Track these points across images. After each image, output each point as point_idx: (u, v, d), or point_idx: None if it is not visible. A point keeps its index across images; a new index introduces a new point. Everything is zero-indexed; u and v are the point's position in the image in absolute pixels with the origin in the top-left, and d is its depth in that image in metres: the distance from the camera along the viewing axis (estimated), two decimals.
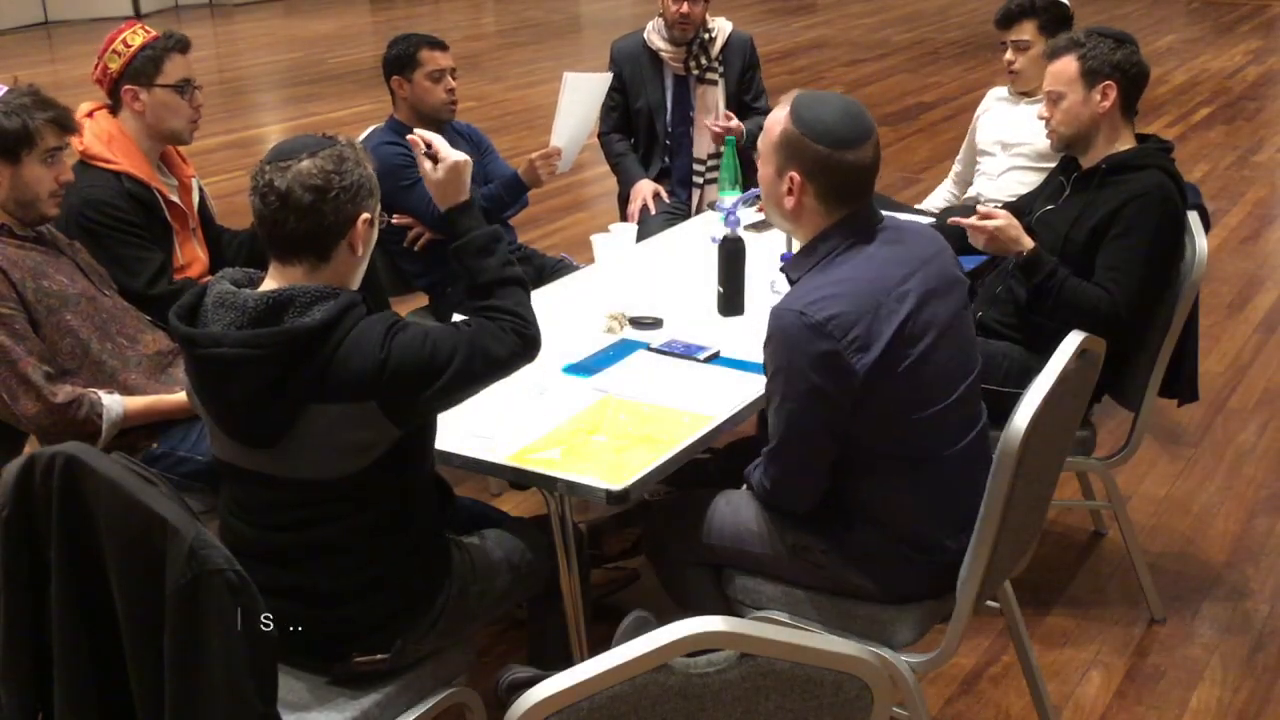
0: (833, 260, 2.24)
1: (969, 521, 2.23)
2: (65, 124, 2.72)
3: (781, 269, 2.37)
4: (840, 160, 2.19)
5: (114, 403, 2.66)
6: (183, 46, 3.11)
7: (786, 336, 2.19)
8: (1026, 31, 3.82)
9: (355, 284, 2.16)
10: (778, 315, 2.21)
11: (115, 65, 3.06)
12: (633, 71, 4.31)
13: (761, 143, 2.29)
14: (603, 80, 3.94)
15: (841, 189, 2.23)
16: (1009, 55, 3.88)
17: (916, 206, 4.23)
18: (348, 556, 2.13)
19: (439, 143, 2.37)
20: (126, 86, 3.06)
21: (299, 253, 2.06)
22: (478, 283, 2.26)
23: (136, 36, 3.08)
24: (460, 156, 2.34)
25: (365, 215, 2.08)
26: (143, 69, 3.05)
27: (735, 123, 4.13)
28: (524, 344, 2.21)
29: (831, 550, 2.34)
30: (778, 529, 2.40)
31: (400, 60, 3.70)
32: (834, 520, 2.34)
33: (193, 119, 3.13)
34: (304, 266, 2.07)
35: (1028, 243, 2.96)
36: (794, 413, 2.22)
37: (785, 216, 2.30)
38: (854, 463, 2.28)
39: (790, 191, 2.24)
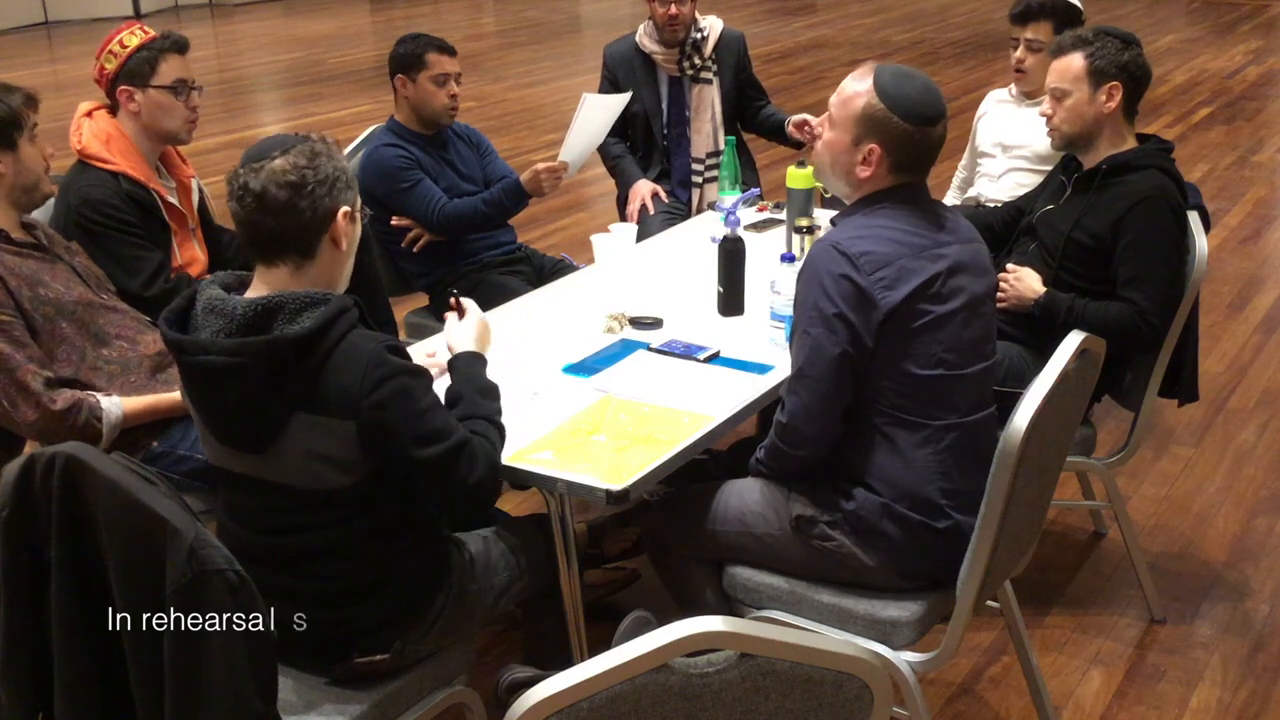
0: (876, 213, 2.33)
1: (969, 497, 2.25)
2: (33, 101, 2.75)
3: (831, 220, 2.47)
4: (923, 136, 2.30)
5: (112, 405, 2.66)
6: (179, 47, 3.10)
7: (817, 265, 2.30)
8: (1042, 31, 3.76)
9: (343, 283, 2.14)
10: (813, 248, 2.33)
11: (111, 66, 3.06)
12: (626, 75, 4.31)
13: (837, 111, 2.36)
14: (620, 100, 3.94)
15: (914, 163, 2.34)
16: (1019, 53, 3.81)
17: None
18: (344, 561, 2.12)
19: (471, 306, 2.47)
20: (122, 87, 3.06)
21: (282, 252, 2.05)
22: (470, 414, 2.23)
23: (133, 37, 3.08)
24: (485, 317, 2.48)
25: (344, 209, 2.06)
26: (138, 70, 3.05)
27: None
28: (490, 481, 2.16)
29: (834, 522, 2.35)
30: (782, 504, 2.41)
31: (406, 60, 3.69)
32: (836, 491, 2.36)
33: (189, 120, 3.12)
34: (289, 267, 2.05)
35: (1040, 289, 3.00)
36: (818, 337, 2.27)
37: (851, 184, 2.38)
38: (859, 419, 2.32)
39: (866, 162, 2.32)
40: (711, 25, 4.29)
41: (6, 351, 2.57)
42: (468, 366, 2.35)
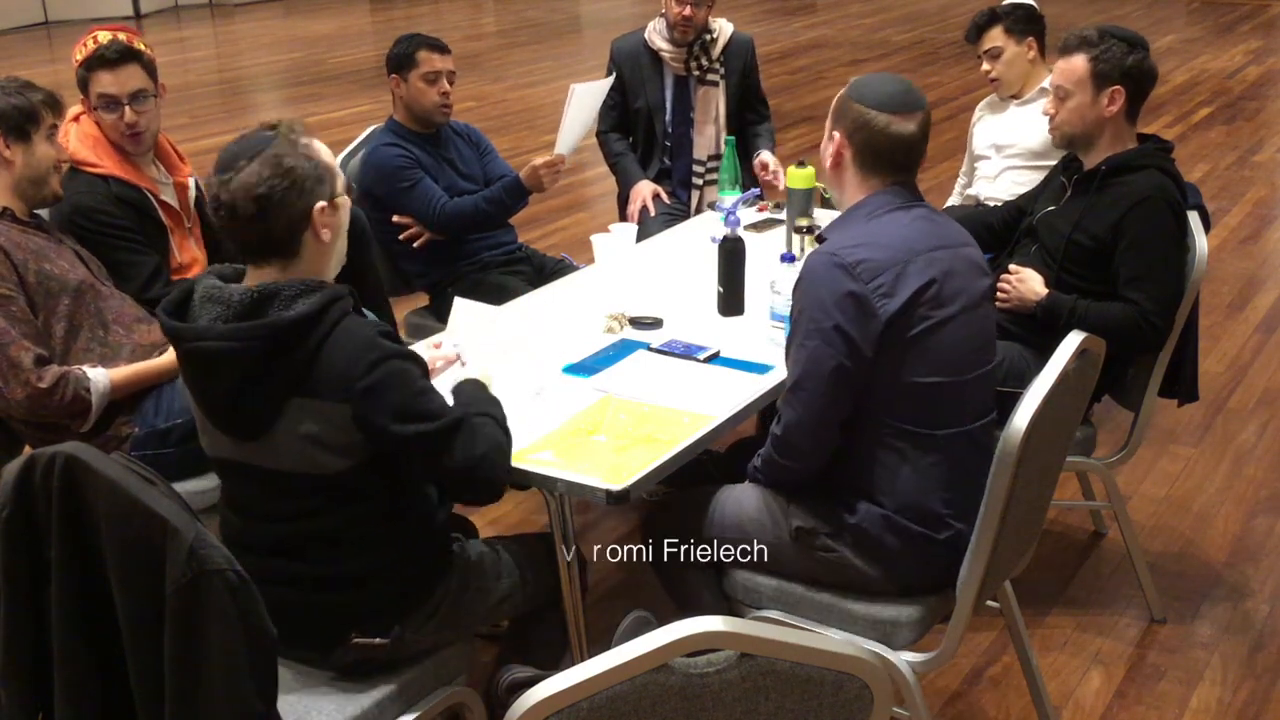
0: (869, 220, 2.33)
1: (970, 505, 2.24)
2: (55, 104, 2.80)
3: (819, 233, 2.49)
4: (875, 121, 2.32)
5: (99, 375, 2.68)
6: (105, 62, 3.01)
7: (815, 275, 2.28)
8: (996, 39, 3.86)
9: (333, 270, 2.17)
10: (809, 260, 2.32)
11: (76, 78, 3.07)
12: (632, 71, 4.30)
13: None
14: (604, 85, 3.94)
15: (878, 155, 2.34)
16: (985, 66, 3.92)
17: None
18: (342, 546, 2.14)
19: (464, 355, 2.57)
20: (81, 98, 3.08)
21: (266, 255, 2.08)
22: (477, 411, 2.23)
23: (82, 49, 3.06)
24: (482, 372, 2.52)
25: (319, 204, 2.07)
26: (81, 86, 3.05)
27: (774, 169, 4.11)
28: (495, 458, 2.15)
29: (834, 534, 2.35)
30: (781, 514, 2.40)
31: (398, 59, 3.71)
32: (836, 503, 2.35)
33: (129, 133, 3.03)
34: (275, 265, 2.09)
35: (1042, 290, 3.00)
36: (815, 350, 2.25)
37: (830, 180, 2.43)
38: (860, 431, 2.30)
39: (836, 153, 2.37)
40: (721, 28, 4.27)
41: (2, 325, 2.58)
42: (474, 385, 2.39)
